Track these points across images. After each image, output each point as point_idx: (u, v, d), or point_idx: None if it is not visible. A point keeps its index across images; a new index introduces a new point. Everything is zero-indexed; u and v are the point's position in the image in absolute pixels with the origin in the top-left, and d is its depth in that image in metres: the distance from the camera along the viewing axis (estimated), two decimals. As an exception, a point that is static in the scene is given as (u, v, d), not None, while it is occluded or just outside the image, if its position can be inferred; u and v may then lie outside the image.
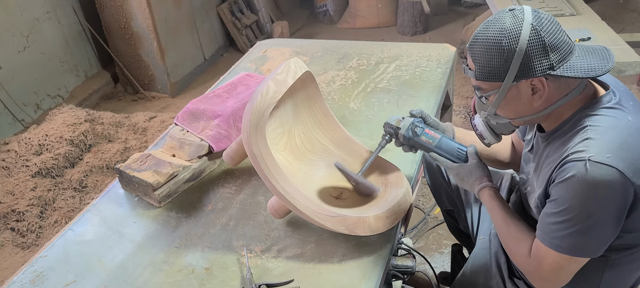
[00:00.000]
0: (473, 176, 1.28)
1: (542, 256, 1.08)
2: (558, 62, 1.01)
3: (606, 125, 1.01)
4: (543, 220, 1.07)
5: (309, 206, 1.22)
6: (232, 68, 2.28)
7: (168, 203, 1.47)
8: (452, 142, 1.32)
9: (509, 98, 1.08)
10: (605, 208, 0.98)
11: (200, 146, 1.55)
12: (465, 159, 1.30)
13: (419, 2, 4.66)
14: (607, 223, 1.00)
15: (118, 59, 4.05)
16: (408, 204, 1.32)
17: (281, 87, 1.27)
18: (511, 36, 1.01)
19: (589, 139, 1.00)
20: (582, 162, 0.97)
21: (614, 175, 0.95)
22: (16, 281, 1.26)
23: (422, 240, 2.42)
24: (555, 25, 1.03)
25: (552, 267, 1.07)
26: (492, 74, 1.06)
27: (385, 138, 1.37)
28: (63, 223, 2.55)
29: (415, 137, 1.31)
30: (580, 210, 0.99)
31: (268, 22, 5.02)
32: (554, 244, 1.05)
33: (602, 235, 1.02)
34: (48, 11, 3.64)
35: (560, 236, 1.03)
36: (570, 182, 0.98)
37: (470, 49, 1.08)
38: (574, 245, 1.03)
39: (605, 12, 4.59)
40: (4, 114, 3.34)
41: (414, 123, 1.32)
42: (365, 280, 1.17)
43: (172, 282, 1.22)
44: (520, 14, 1.02)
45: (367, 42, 2.41)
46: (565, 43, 1.03)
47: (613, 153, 0.96)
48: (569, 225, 1.01)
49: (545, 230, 1.06)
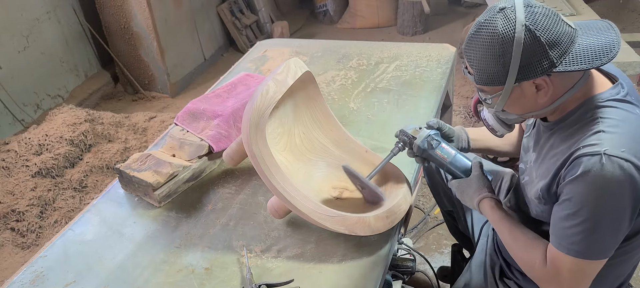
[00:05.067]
0: (472, 188, 1.25)
1: (561, 263, 1.02)
2: (559, 57, 0.96)
3: (618, 118, 0.97)
4: (557, 225, 1.02)
5: (309, 206, 1.22)
6: (232, 68, 2.28)
7: (168, 203, 1.47)
8: (466, 161, 1.28)
9: (514, 98, 1.05)
10: (621, 204, 0.95)
11: (200, 146, 1.55)
12: (468, 174, 1.28)
13: (419, 2, 4.66)
14: (623, 219, 0.97)
15: (118, 59, 4.05)
16: (408, 204, 1.32)
17: (281, 87, 1.27)
18: (505, 41, 0.96)
19: (601, 132, 0.96)
20: (597, 157, 0.93)
21: (630, 169, 0.92)
22: (16, 281, 1.26)
23: (422, 240, 2.42)
24: (552, 18, 0.97)
25: (573, 273, 1.01)
26: (491, 79, 1.02)
27: (399, 145, 1.32)
28: (63, 223, 2.54)
29: (430, 149, 1.28)
30: (597, 208, 0.95)
31: (268, 22, 5.02)
32: (572, 250, 1.00)
33: (618, 232, 0.98)
34: (48, 11, 3.64)
35: (577, 241, 0.98)
36: (585, 179, 0.94)
37: (466, 54, 1.05)
38: (593, 248, 0.99)
39: (605, 12, 4.60)
40: (4, 114, 3.34)
41: (431, 135, 1.28)
42: (365, 280, 1.17)
43: (172, 282, 1.22)
44: (511, 13, 0.97)
45: (367, 42, 2.41)
46: (565, 34, 0.97)
47: (627, 147, 0.93)
48: (586, 227, 0.97)
49: (561, 236, 1.01)
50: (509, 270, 1.33)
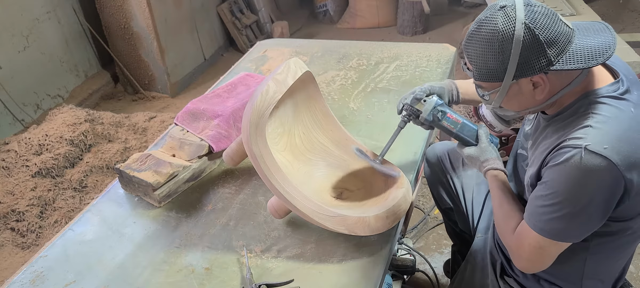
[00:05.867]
0: (482, 157, 1.29)
1: (524, 235, 1.09)
2: (557, 55, 0.99)
3: (608, 115, 1.00)
4: (531, 202, 1.08)
5: (309, 206, 1.22)
6: (232, 68, 2.28)
7: (168, 203, 1.47)
8: (472, 126, 1.32)
9: (511, 94, 1.08)
10: (593, 199, 0.98)
11: (200, 146, 1.54)
12: (476, 139, 1.32)
13: (419, 2, 4.66)
14: (593, 213, 1.01)
15: (118, 59, 4.05)
16: (408, 204, 1.32)
17: (281, 87, 1.27)
18: (505, 38, 0.99)
19: (589, 127, 0.99)
20: (578, 149, 0.97)
21: (607, 167, 0.95)
22: (16, 281, 1.26)
23: (422, 240, 2.42)
24: (551, 18, 1.00)
25: (532, 247, 1.08)
26: (490, 75, 1.05)
27: (404, 119, 1.35)
28: (63, 223, 2.54)
29: (436, 121, 1.31)
30: (569, 196, 0.99)
31: (268, 22, 5.02)
32: (537, 226, 1.06)
33: (587, 224, 1.03)
34: (48, 11, 3.64)
35: (545, 219, 1.04)
36: (563, 167, 0.99)
37: (466, 50, 1.07)
38: (556, 229, 1.04)
39: (605, 12, 4.60)
40: (4, 114, 3.34)
41: (436, 107, 1.30)
42: (365, 280, 1.17)
43: (172, 282, 1.22)
44: (511, 11, 0.99)
45: (367, 42, 2.41)
46: (563, 34, 1.00)
47: (610, 145, 0.96)
48: (555, 209, 1.02)
49: (531, 212, 1.07)
50: (510, 268, 1.33)
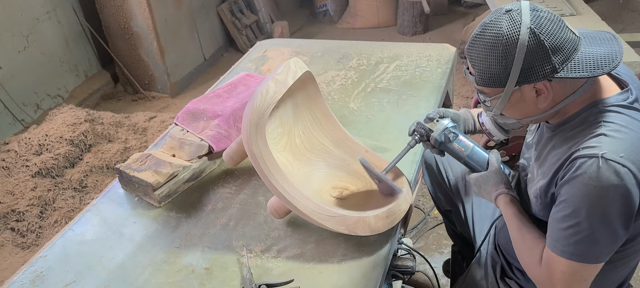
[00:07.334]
0: (490, 183, 1.24)
1: (554, 265, 1.02)
2: (562, 63, 0.96)
3: (622, 123, 0.97)
4: (553, 226, 1.02)
5: (309, 206, 1.22)
6: (232, 68, 2.28)
7: (168, 203, 1.47)
8: (483, 154, 1.28)
9: (513, 101, 1.04)
10: (616, 210, 0.94)
11: (200, 146, 1.54)
12: (486, 167, 1.27)
13: (419, 2, 4.66)
14: (617, 225, 0.96)
15: (118, 59, 4.05)
16: (408, 204, 1.32)
17: (281, 87, 1.27)
18: (509, 42, 0.96)
19: (602, 135, 0.95)
20: (594, 159, 0.92)
21: (626, 175, 0.91)
22: (16, 281, 1.26)
23: (422, 240, 2.42)
24: (557, 24, 0.97)
25: (566, 275, 1.01)
26: (492, 80, 1.02)
27: (415, 138, 1.32)
28: (63, 223, 2.54)
29: (447, 143, 1.28)
30: (591, 212, 0.94)
31: (268, 22, 5.02)
32: (566, 252, 0.99)
33: (613, 238, 0.97)
34: (48, 11, 3.64)
35: (572, 242, 0.98)
36: (581, 180, 0.94)
37: (469, 54, 1.05)
38: (586, 251, 0.98)
39: (605, 12, 4.60)
40: (4, 114, 3.34)
41: (448, 128, 1.27)
42: (365, 280, 1.17)
43: (172, 282, 1.22)
44: (517, 16, 0.97)
45: (367, 42, 2.41)
46: (569, 41, 0.97)
47: (626, 153, 0.93)
48: (579, 229, 0.96)
49: (556, 237, 1.01)
50: (510, 270, 1.33)
